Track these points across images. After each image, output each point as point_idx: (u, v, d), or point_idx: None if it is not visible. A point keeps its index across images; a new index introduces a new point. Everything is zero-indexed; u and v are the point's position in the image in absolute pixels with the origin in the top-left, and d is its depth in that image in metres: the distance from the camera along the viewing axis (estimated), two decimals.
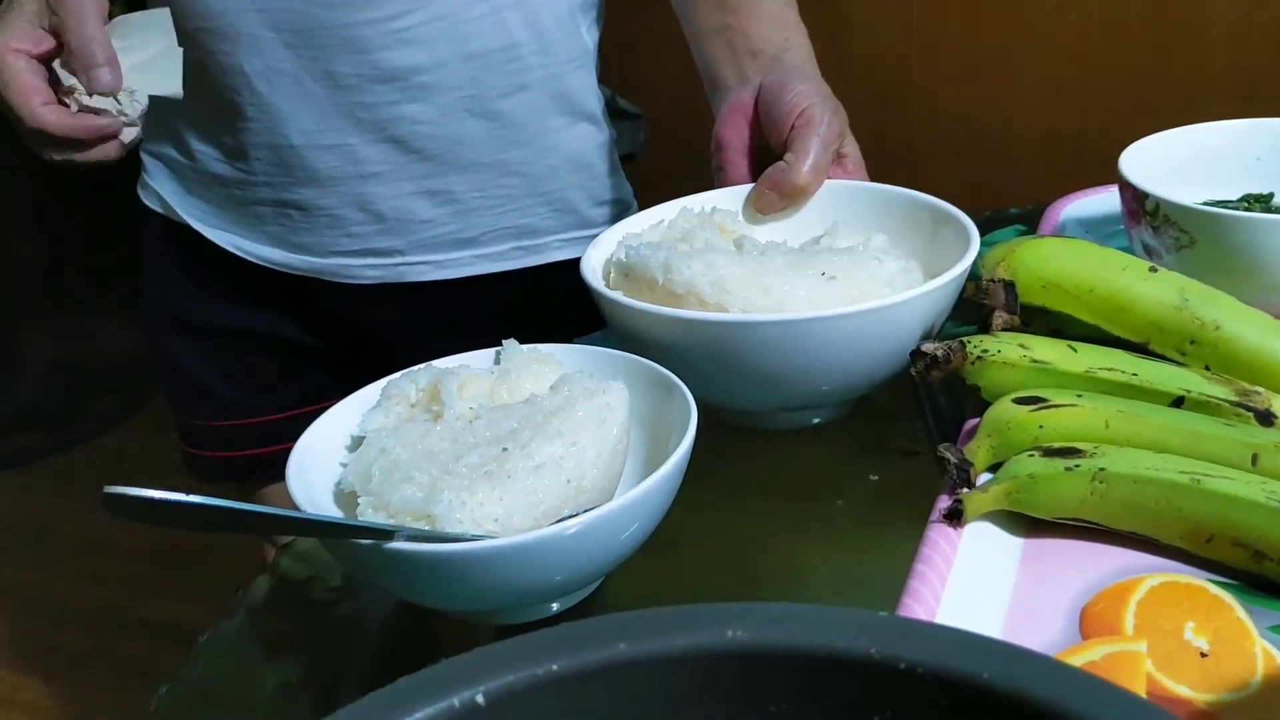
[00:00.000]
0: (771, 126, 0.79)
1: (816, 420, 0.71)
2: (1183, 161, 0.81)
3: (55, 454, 2.56)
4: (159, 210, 0.99)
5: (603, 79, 0.95)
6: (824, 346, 0.63)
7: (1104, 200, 0.89)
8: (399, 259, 0.93)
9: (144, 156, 0.99)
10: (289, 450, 0.57)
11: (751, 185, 0.80)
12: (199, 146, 0.93)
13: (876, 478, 0.66)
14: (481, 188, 0.91)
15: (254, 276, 0.95)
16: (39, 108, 0.77)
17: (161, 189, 0.97)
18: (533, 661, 0.30)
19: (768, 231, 0.78)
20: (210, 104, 0.88)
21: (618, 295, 0.66)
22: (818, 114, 0.77)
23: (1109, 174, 0.89)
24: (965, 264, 0.65)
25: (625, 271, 0.69)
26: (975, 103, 2.17)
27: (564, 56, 0.91)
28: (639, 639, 0.31)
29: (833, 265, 0.66)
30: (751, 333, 0.62)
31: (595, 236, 0.95)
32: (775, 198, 0.78)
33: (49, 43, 0.78)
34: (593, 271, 0.71)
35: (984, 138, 2.18)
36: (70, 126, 0.77)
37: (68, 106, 0.78)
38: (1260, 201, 0.80)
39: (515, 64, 0.88)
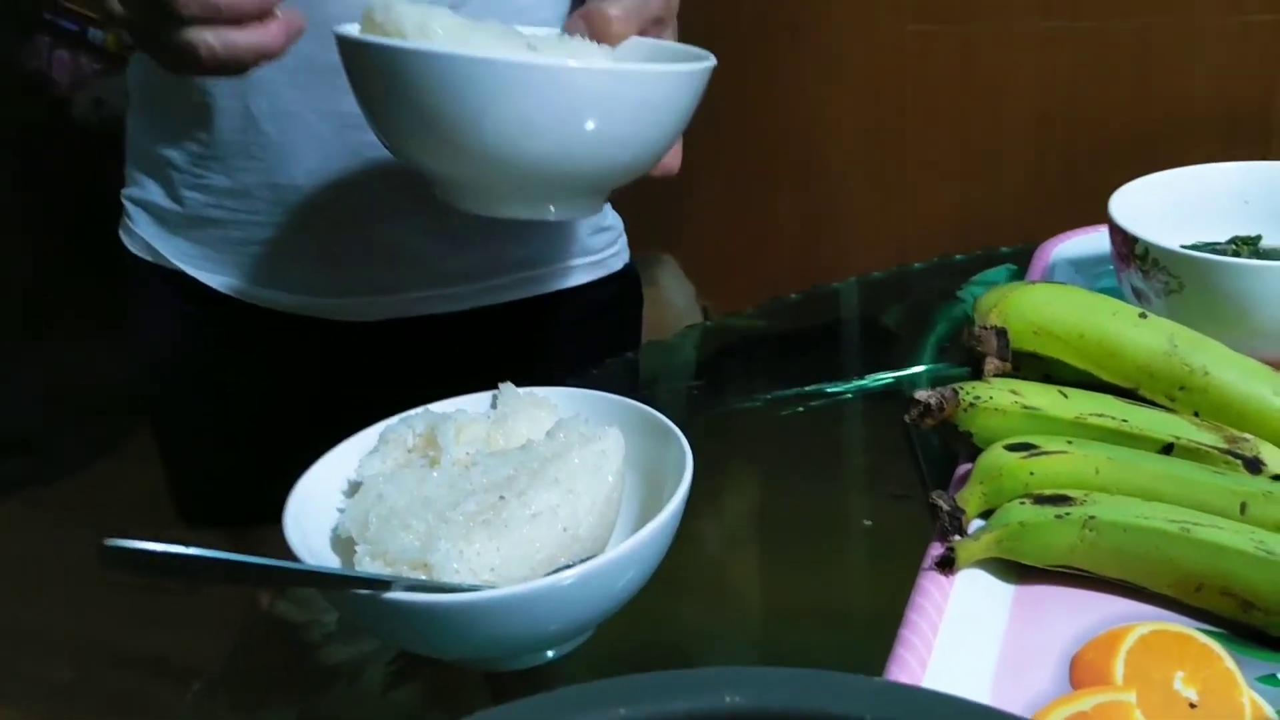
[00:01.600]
0: None
1: (553, 209, 0.70)
2: (1172, 203, 0.82)
3: (41, 482, 2.54)
4: (145, 257, 0.97)
5: None
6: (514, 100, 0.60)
7: (1094, 240, 0.90)
8: (403, 294, 0.92)
9: (126, 203, 0.98)
10: (284, 492, 0.57)
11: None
12: (190, 192, 0.91)
13: (870, 523, 0.67)
14: (484, 221, 0.91)
15: (250, 318, 0.95)
16: None
17: (147, 234, 0.96)
18: None
19: None
20: (211, 146, 0.88)
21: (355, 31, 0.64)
22: None
23: (1097, 206, 0.90)
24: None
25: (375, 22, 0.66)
26: (966, 134, 2.19)
27: None
28: (638, 703, 0.31)
29: (540, 43, 0.65)
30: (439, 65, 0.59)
31: (596, 263, 0.97)
32: (582, 26, 0.72)
33: None
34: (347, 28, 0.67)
35: (974, 168, 2.20)
36: None
37: None
38: (1248, 244, 0.81)
39: None
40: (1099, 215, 0.90)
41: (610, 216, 1.00)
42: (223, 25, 0.63)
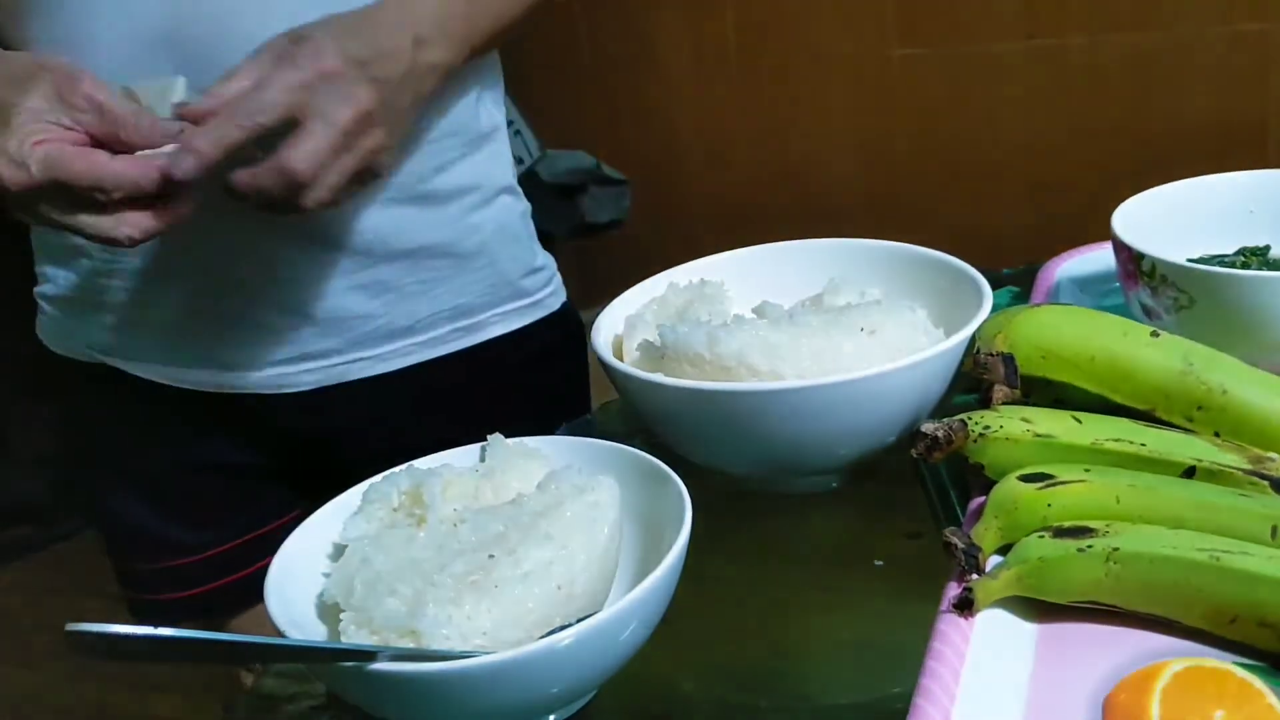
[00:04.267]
0: None
1: (834, 485, 0.71)
2: (1175, 217, 0.80)
3: (44, 548, 2.51)
4: (64, 354, 0.93)
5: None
6: (890, 398, 0.63)
7: (1097, 258, 0.88)
8: (337, 359, 0.88)
9: (40, 301, 0.93)
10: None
11: (732, 253, 0.80)
12: (103, 280, 0.86)
13: (881, 563, 0.64)
14: (413, 273, 0.87)
15: (184, 403, 0.90)
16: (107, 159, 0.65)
17: (63, 330, 0.92)
18: None
19: (758, 294, 0.76)
20: None
21: (658, 377, 0.64)
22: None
23: (1094, 224, 0.88)
24: (988, 305, 0.66)
25: (660, 353, 0.67)
26: (959, 156, 2.17)
27: (475, 134, 0.88)
28: None
29: (868, 320, 0.65)
30: (825, 394, 0.61)
31: (532, 305, 0.94)
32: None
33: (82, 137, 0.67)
34: (612, 356, 0.69)
35: (968, 191, 2.18)
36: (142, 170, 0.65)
37: None
38: (1257, 255, 0.78)
39: (430, 147, 0.85)
40: (1099, 233, 0.88)
41: (541, 257, 0.97)
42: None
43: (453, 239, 0.88)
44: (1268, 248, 0.79)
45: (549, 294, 0.97)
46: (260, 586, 0.54)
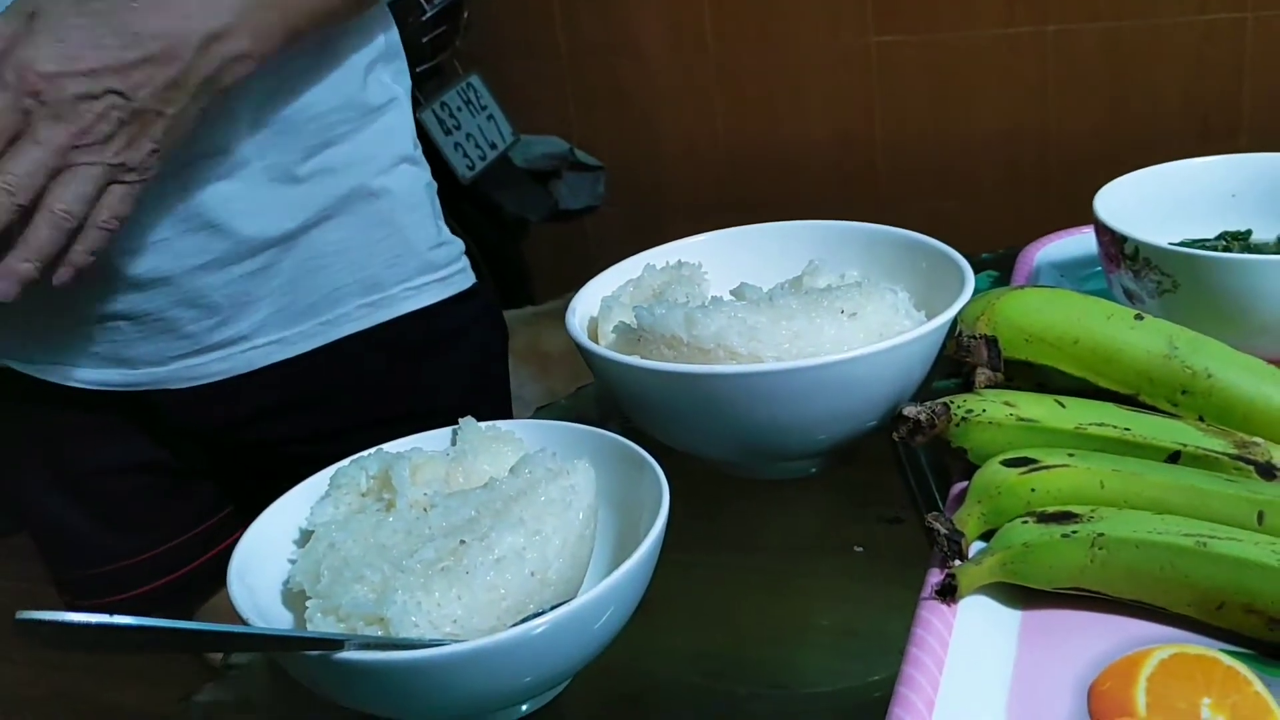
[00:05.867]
0: None
1: (814, 470, 0.69)
2: (1156, 201, 0.79)
3: (11, 533, 2.47)
4: None
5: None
6: (872, 382, 0.61)
7: (1077, 242, 0.87)
8: (245, 345, 0.84)
9: None
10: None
11: (709, 234, 0.78)
12: None
13: (861, 549, 0.63)
14: (309, 250, 0.84)
15: (95, 405, 0.86)
16: None
17: None
18: None
19: (736, 277, 0.75)
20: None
21: (635, 359, 0.63)
22: None
23: (1072, 210, 0.87)
24: (969, 288, 0.65)
25: (637, 335, 0.66)
26: (937, 144, 2.17)
27: (365, 108, 0.84)
28: None
29: (849, 302, 0.64)
30: (805, 377, 0.60)
31: (441, 281, 0.91)
32: None
33: None
34: (587, 339, 0.67)
35: (947, 178, 2.18)
36: None
37: None
38: (1239, 239, 0.77)
39: (311, 125, 0.81)
40: (1076, 218, 0.87)
41: (444, 233, 0.93)
42: None
43: (351, 210, 0.85)
44: (1249, 233, 0.78)
45: (458, 270, 0.93)
46: (197, 585, 0.51)
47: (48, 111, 0.62)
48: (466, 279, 0.93)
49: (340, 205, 0.84)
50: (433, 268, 0.90)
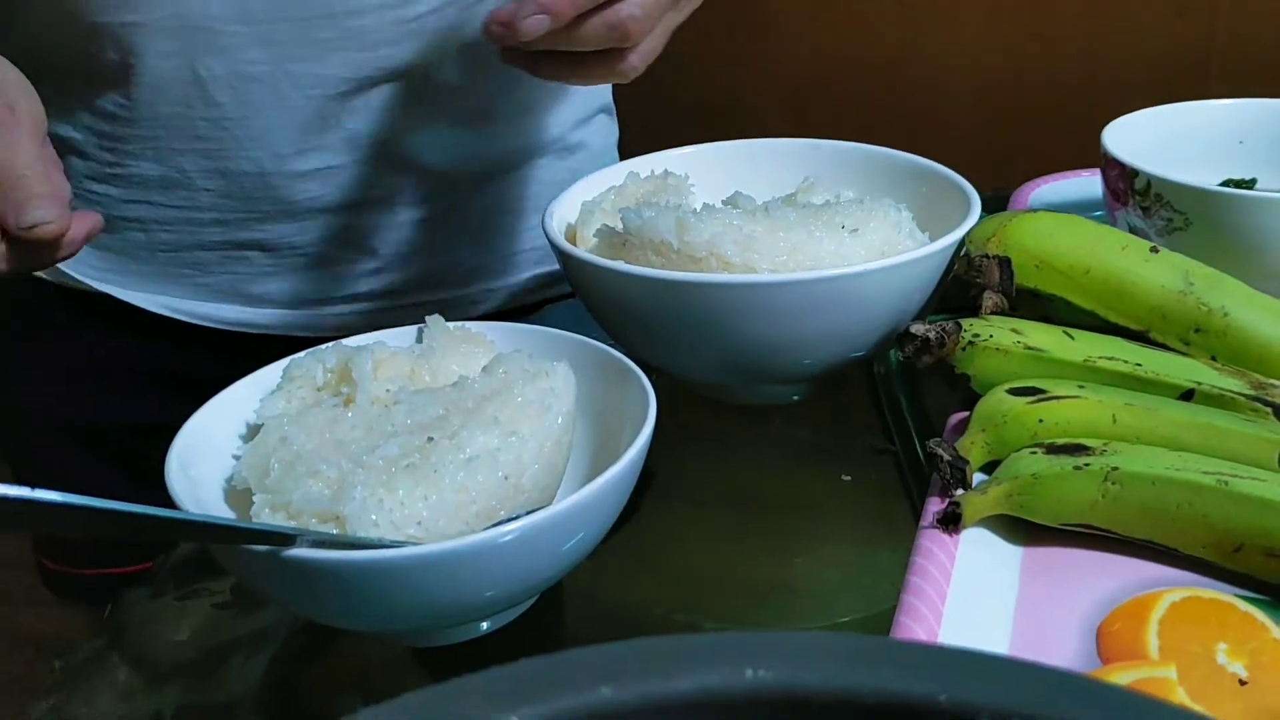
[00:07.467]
0: None
1: (796, 398, 0.65)
2: (1162, 141, 0.75)
3: None
4: (46, 277, 0.77)
5: None
6: (870, 302, 0.57)
7: (1073, 185, 0.83)
8: (399, 300, 0.76)
9: None
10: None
11: (698, 146, 0.74)
12: (100, 186, 0.73)
13: (849, 478, 0.59)
14: (501, 205, 0.77)
15: (193, 342, 0.76)
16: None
17: None
18: (484, 711, 0.22)
19: (725, 192, 0.71)
20: (133, 124, 0.70)
21: (619, 264, 0.58)
22: None
23: (1054, 154, 0.84)
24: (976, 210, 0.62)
25: (622, 239, 0.61)
26: (906, 107, 2.13)
27: None
28: (628, 681, 0.23)
29: (850, 218, 0.59)
30: (802, 291, 0.55)
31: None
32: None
33: None
34: (565, 242, 0.62)
35: (916, 142, 2.14)
36: None
37: None
38: (1243, 187, 0.74)
39: None
40: (1061, 163, 0.85)
41: None
42: None
43: (540, 163, 0.78)
44: (1254, 181, 0.75)
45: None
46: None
47: None
48: None
49: (530, 153, 0.77)
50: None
